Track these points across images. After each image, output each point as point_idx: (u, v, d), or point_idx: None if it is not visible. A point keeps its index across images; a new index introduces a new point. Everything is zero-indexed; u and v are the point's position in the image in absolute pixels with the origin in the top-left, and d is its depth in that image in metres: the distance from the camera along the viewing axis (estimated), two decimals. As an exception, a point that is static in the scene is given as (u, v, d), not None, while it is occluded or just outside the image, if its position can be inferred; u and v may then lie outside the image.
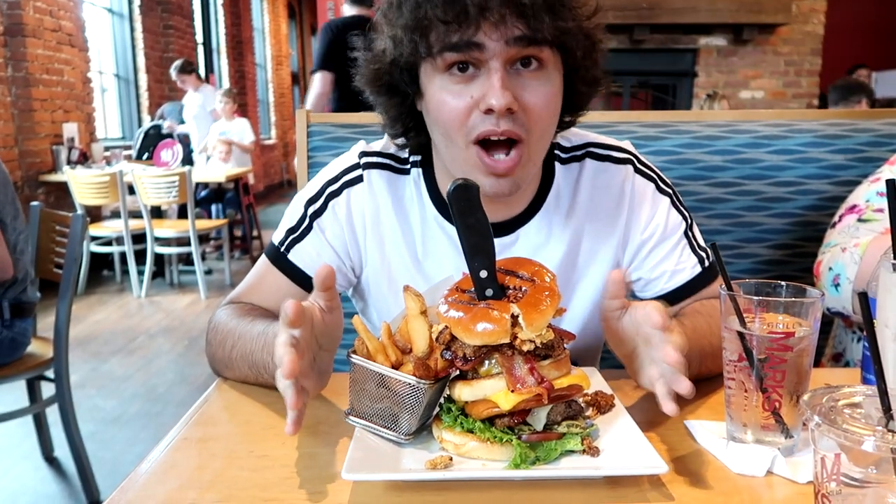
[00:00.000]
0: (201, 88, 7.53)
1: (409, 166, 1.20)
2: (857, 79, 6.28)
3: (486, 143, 1.01)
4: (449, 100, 1.00)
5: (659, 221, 1.19)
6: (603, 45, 1.07)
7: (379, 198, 1.19)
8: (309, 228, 1.19)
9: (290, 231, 1.20)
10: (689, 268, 1.19)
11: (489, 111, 0.97)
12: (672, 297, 1.20)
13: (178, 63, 7.49)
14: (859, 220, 1.40)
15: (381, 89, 1.09)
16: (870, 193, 1.43)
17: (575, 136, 1.22)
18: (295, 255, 1.19)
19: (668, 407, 0.81)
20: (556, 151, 1.20)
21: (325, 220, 1.19)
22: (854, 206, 1.44)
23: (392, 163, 1.21)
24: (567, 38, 0.99)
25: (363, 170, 1.20)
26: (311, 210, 1.20)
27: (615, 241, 1.19)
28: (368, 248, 1.20)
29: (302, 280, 1.18)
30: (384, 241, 1.19)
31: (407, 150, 1.21)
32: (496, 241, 1.13)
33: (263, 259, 1.23)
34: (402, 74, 1.05)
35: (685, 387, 0.80)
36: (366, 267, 1.22)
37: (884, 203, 1.38)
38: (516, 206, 1.17)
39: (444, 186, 1.16)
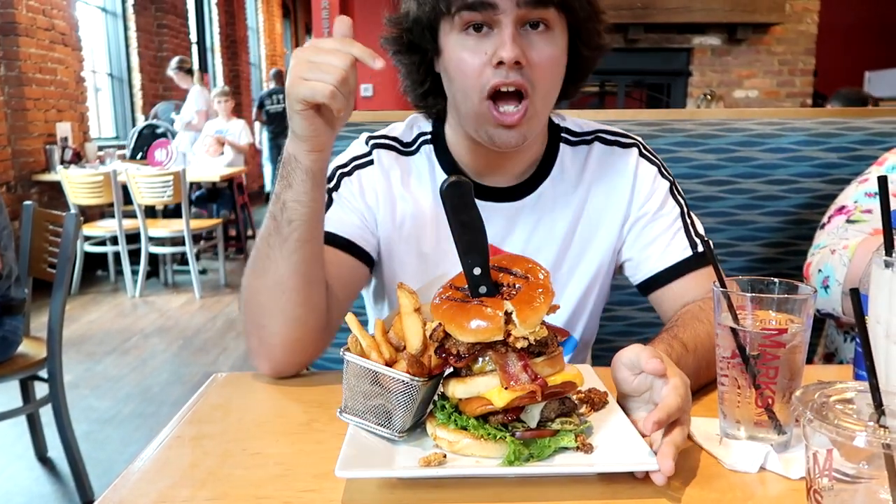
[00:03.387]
0: (192, 89, 7.52)
1: (414, 147, 1.27)
2: (860, 90, 6.26)
3: (497, 97, 1.09)
4: (465, 56, 1.09)
5: (655, 201, 1.24)
6: (604, 15, 1.17)
7: (391, 174, 1.25)
8: (329, 202, 1.22)
9: None
10: (679, 250, 1.22)
11: (500, 64, 1.06)
12: (661, 279, 1.23)
13: (178, 59, 7.51)
14: (848, 221, 1.40)
15: (404, 48, 1.19)
16: (858, 194, 1.43)
17: (585, 124, 1.30)
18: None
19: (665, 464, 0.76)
20: (565, 135, 1.28)
21: (343, 190, 1.24)
22: (843, 207, 1.44)
23: (397, 145, 1.27)
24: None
25: (371, 151, 1.26)
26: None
27: (618, 219, 1.25)
28: (383, 225, 1.24)
29: (334, 242, 1.19)
30: (396, 213, 1.23)
31: (417, 127, 1.27)
32: (505, 204, 1.22)
33: None
34: (423, 33, 1.14)
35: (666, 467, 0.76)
36: (382, 242, 1.25)
37: (872, 204, 1.39)
38: (523, 168, 1.23)
39: (457, 152, 1.24)
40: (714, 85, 7.81)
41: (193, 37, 10.69)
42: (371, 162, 1.25)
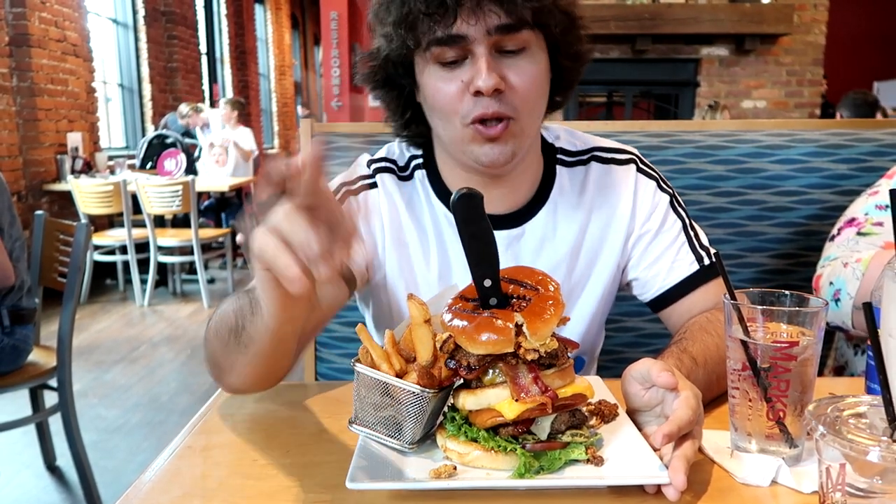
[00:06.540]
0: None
1: (410, 171, 1.24)
2: (869, 93, 6.16)
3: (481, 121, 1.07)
4: (441, 86, 1.07)
5: (657, 217, 1.22)
6: (583, 21, 1.12)
7: (396, 200, 1.22)
8: None
9: None
10: (686, 265, 1.21)
11: (478, 93, 1.03)
12: (670, 296, 1.21)
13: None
14: (859, 233, 1.40)
15: (379, 83, 1.17)
16: (868, 206, 1.42)
17: (580, 140, 1.27)
18: None
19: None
20: (561, 156, 1.24)
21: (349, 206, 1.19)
22: (853, 220, 1.44)
23: (395, 168, 1.24)
24: (544, 17, 1.04)
25: (374, 176, 1.23)
26: None
27: (620, 236, 1.22)
28: (388, 251, 1.21)
29: None
30: (404, 244, 1.21)
31: (408, 150, 1.24)
32: (504, 232, 1.18)
33: None
34: (396, 69, 1.12)
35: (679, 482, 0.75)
36: (384, 268, 1.22)
37: (883, 216, 1.38)
38: (520, 194, 1.20)
39: (450, 181, 1.20)
40: (722, 95, 7.81)
41: (203, 48, 10.78)
42: (375, 185, 1.22)
